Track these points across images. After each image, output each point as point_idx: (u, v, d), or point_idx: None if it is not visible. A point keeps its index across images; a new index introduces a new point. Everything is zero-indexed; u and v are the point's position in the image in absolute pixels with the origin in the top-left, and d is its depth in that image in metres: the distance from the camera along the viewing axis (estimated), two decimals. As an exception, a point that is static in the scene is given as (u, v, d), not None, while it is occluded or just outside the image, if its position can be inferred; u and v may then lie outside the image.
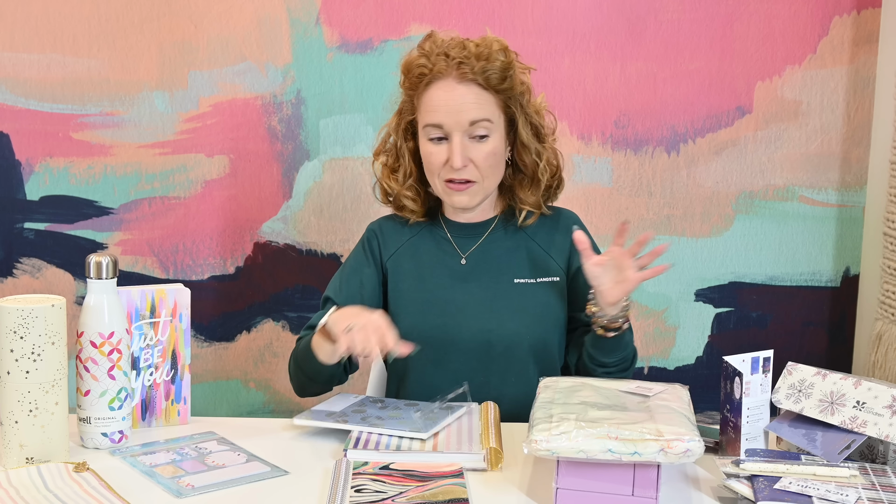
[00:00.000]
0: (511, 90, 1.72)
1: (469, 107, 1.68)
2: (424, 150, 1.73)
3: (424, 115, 1.71)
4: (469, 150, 1.69)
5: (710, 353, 2.44)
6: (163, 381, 1.63)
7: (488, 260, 1.78)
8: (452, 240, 1.81)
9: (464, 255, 1.79)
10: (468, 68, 1.68)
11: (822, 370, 1.48)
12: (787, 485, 1.30)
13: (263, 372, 2.45)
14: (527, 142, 1.75)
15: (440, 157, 1.71)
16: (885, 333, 2.19)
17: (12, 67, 2.33)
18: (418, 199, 1.81)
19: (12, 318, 1.38)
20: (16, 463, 1.41)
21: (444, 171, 1.71)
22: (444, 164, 1.71)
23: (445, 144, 1.71)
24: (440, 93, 1.69)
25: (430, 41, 1.74)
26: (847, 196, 2.39)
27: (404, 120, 1.78)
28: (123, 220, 2.39)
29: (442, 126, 1.69)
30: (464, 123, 1.68)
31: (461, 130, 1.69)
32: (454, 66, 1.68)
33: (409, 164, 1.78)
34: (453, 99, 1.68)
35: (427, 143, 1.73)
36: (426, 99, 1.71)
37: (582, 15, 2.34)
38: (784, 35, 2.34)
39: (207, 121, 2.36)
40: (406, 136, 1.78)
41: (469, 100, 1.68)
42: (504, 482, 1.40)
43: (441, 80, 1.70)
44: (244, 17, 2.33)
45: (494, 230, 1.81)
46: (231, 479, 1.39)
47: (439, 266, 1.79)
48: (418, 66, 1.71)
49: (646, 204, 2.39)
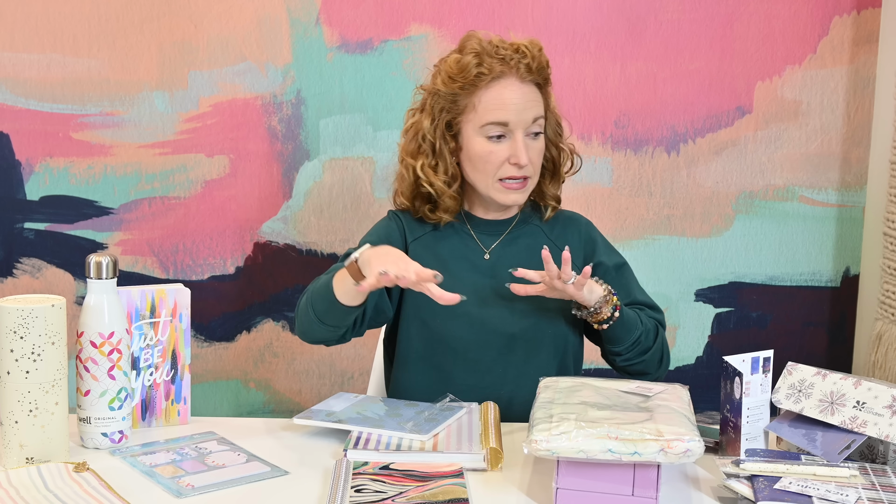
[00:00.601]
0: (549, 89, 1.79)
1: (532, 104, 1.73)
2: (481, 149, 1.73)
3: (486, 114, 1.72)
4: (528, 148, 1.73)
5: (710, 353, 2.44)
6: (163, 381, 1.63)
7: (510, 256, 1.80)
8: (476, 236, 1.82)
9: (487, 250, 1.80)
10: (525, 68, 1.72)
11: (822, 370, 1.48)
12: (787, 485, 1.30)
13: (263, 372, 2.45)
14: (553, 138, 1.81)
15: (500, 156, 1.72)
16: (885, 333, 2.19)
17: (12, 67, 2.33)
18: (457, 199, 1.80)
19: (12, 318, 1.38)
20: (16, 463, 1.41)
21: (502, 169, 1.73)
22: (502, 162, 1.73)
23: (504, 143, 1.73)
24: (506, 91, 1.71)
25: (475, 41, 1.74)
26: (847, 196, 2.39)
27: (443, 120, 1.76)
28: (123, 220, 2.39)
29: (508, 124, 1.71)
30: (528, 121, 1.72)
31: (524, 129, 1.72)
32: (514, 67, 1.71)
33: (450, 164, 1.78)
34: (519, 97, 1.71)
35: (485, 142, 1.73)
36: (488, 98, 1.72)
37: (582, 15, 2.34)
38: (784, 35, 2.34)
39: (207, 121, 2.36)
40: (446, 137, 1.77)
41: (532, 98, 1.73)
42: (504, 482, 1.40)
43: (503, 79, 1.72)
44: (244, 17, 2.33)
45: (516, 227, 1.83)
46: (231, 479, 1.39)
47: (461, 259, 1.79)
48: (475, 66, 1.71)
49: (646, 204, 2.39)
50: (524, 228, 1.83)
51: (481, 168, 1.74)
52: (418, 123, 1.79)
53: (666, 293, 2.42)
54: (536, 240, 1.81)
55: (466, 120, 1.75)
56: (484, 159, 1.73)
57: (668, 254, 2.41)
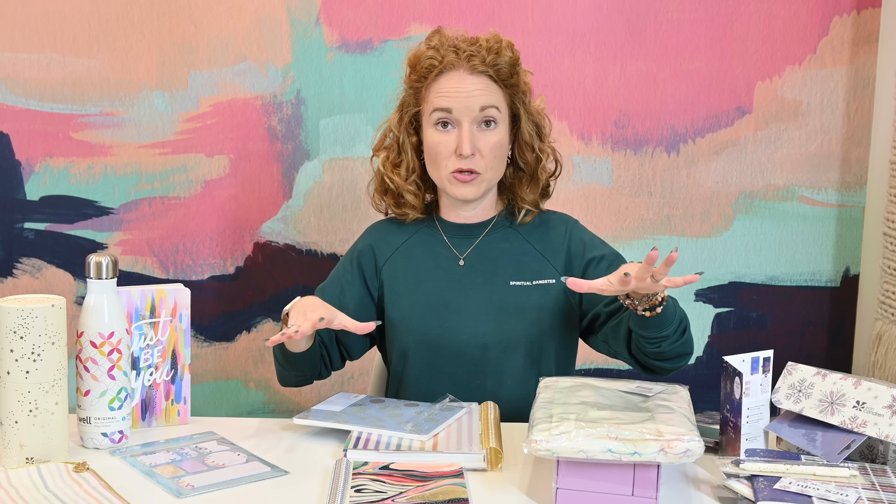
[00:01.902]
0: (517, 87, 1.75)
1: (479, 93, 1.71)
2: (431, 140, 1.73)
3: (433, 102, 1.72)
4: (476, 140, 1.71)
5: (710, 353, 2.44)
6: (163, 381, 1.63)
7: (485, 261, 1.78)
8: (449, 241, 1.81)
9: (461, 256, 1.79)
10: (479, 60, 1.70)
11: (822, 370, 1.48)
12: (787, 485, 1.30)
13: (263, 372, 2.45)
14: (528, 139, 1.78)
15: (448, 146, 1.71)
16: (885, 333, 2.19)
17: (12, 67, 2.33)
18: (419, 195, 1.81)
19: (12, 318, 1.38)
20: (16, 463, 1.41)
21: (451, 161, 1.72)
22: (451, 153, 1.71)
23: (453, 133, 1.71)
24: (451, 81, 1.71)
25: (438, 36, 1.76)
26: (847, 196, 2.39)
27: (407, 114, 1.78)
28: (123, 220, 2.39)
29: (451, 111, 1.70)
30: (474, 109, 1.70)
31: (470, 117, 1.70)
32: (465, 58, 1.71)
33: (411, 158, 1.79)
34: (464, 86, 1.70)
35: (434, 132, 1.73)
36: (435, 88, 1.72)
37: (582, 15, 2.34)
38: (784, 35, 2.34)
39: (207, 121, 2.36)
40: (409, 131, 1.79)
41: (481, 87, 1.71)
42: (504, 482, 1.40)
43: (452, 71, 1.72)
44: (244, 17, 2.33)
45: (492, 231, 1.81)
46: (231, 479, 1.39)
47: (436, 268, 1.79)
48: (428, 59, 1.73)
49: (646, 204, 2.39)
50: (500, 232, 1.81)
51: (433, 160, 1.74)
52: (390, 119, 1.82)
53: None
54: (513, 244, 1.80)
55: (423, 112, 1.76)
56: (434, 150, 1.73)
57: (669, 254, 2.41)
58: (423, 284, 1.77)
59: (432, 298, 1.76)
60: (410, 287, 1.78)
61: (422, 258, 1.80)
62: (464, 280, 1.77)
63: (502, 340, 1.74)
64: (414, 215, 1.82)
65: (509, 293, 1.75)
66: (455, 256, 1.79)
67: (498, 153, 1.73)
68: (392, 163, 1.81)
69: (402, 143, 1.79)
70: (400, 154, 1.80)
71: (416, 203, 1.81)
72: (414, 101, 1.77)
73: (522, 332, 1.74)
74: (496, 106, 1.72)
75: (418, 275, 1.78)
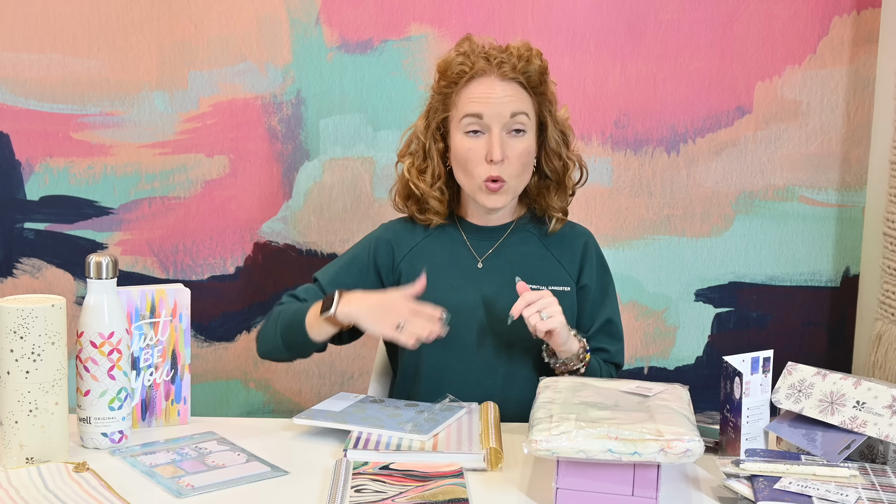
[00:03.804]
0: (545, 95, 1.77)
1: (510, 100, 1.71)
2: (461, 146, 1.73)
3: (463, 108, 1.72)
4: (506, 146, 1.71)
5: (710, 353, 2.44)
6: (163, 381, 1.63)
7: (504, 264, 1.79)
8: (469, 242, 1.81)
9: (480, 258, 1.80)
10: (509, 67, 1.71)
11: (822, 370, 1.48)
12: (787, 485, 1.30)
13: (263, 372, 2.45)
14: (555, 147, 1.79)
15: (478, 152, 1.71)
16: (885, 333, 2.19)
17: (12, 67, 2.33)
18: (444, 201, 1.81)
19: (12, 318, 1.38)
20: (16, 463, 1.41)
21: (482, 168, 1.72)
22: (481, 159, 1.72)
23: (482, 139, 1.72)
24: (482, 87, 1.72)
25: (468, 42, 1.76)
26: (847, 196, 2.39)
27: (434, 120, 1.78)
28: (123, 220, 2.39)
29: (482, 116, 1.70)
30: (504, 115, 1.71)
31: (501, 123, 1.71)
32: (496, 65, 1.71)
33: (437, 164, 1.79)
34: (495, 92, 1.71)
35: (464, 138, 1.73)
36: (466, 93, 1.73)
37: (582, 15, 2.34)
38: (784, 35, 2.34)
39: (207, 121, 2.36)
40: (435, 137, 1.79)
41: (511, 93, 1.72)
42: (504, 482, 1.40)
43: (482, 77, 1.72)
44: (244, 17, 2.33)
45: (511, 234, 1.82)
46: (231, 479, 1.39)
47: (454, 267, 1.79)
48: (459, 65, 1.73)
49: (646, 204, 2.39)
50: (519, 236, 1.82)
51: (464, 167, 1.74)
52: (416, 125, 1.82)
53: (666, 293, 2.42)
54: (531, 248, 1.81)
55: (452, 118, 1.76)
56: (464, 157, 1.73)
57: (668, 254, 2.41)
58: (439, 283, 1.77)
59: (448, 297, 1.76)
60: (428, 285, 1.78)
61: (439, 257, 1.80)
62: (481, 281, 1.78)
63: (517, 342, 1.75)
64: (438, 221, 1.82)
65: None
66: (474, 258, 1.80)
67: (526, 160, 1.74)
68: (418, 169, 1.80)
69: (427, 150, 1.79)
70: (426, 160, 1.80)
71: (441, 209, 1.81)
72: (442, 106, 1.77)
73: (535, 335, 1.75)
74: (526, 112, 1.73)
75: (435, 273, 1.78)
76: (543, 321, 1.60)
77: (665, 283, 2.41)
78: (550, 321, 1.60)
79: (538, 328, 1.60)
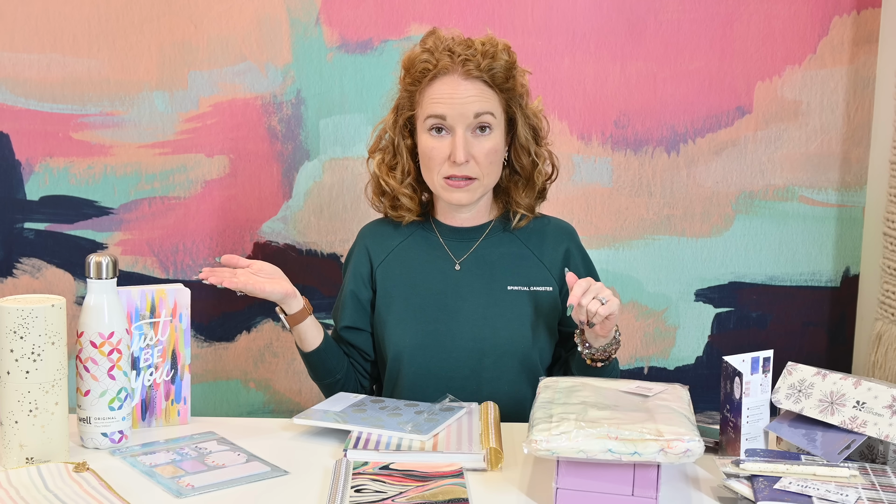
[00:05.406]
0: (513, 90, 1.73)
1: (473, 100, 1.69)
2: (425, 145, 1.72)
3: (427, 108, 1.71)
4: (471, 146, 1.69)
5: (710, 353, 2.44)
6: (163, 381, 1.63)
7: (482, 266, 1.78)
8: (446, 245, 1.80)
9: (458, 260, 1.79)
10: (473, 65, 1.68)
11: (822, 370, 1.48)
12: (787, 485, 1.30)
13: (263, 372, 2.45)
14: (525, 143, 1.76)
15: (442, 152, 1.70)
16: (885, 333, 2.19)
17: (12, 67, 2.33)
18: (415, 198, 1.80)
19: (12, 318, 1.38)
20: (16, 463, 1.41)
21: (444, 167, 1.71)
22: (444, 159, 1.70)
23: (447, 139, 1.70)
24: (445, 87, 1.69)
25: (433, 38, 1.74)
26: (847, 196, 2.39)
27: (402, 116, 1.77)
28: (123, 220, 2.39)
29: (445, 118, 1.69)
30: (468, 116, 1.68)
31: (464, 124, 1.69)
32: (459, 63, 1.69)
33: (406, 161, 1.78)
34: (458, 92, 1.68)
35: (428, 138, 1.71)
36: (429, 93, 1.71)
37: (582, 15, 2.34)
38: (784, 35, 2.34)
39: (207, 121, 2.36)
40: (404, 134, 1.78)
41: (473, 94, 1.69)
42: (504, 482, 1.40)
43: (446, 76, 1.70)
44: (244, 17, 2.33)
45: (489, 235, 1.80)
46: (231, 479, 1.39)
47: (432, 272, 1.78)
48: (422, 62, 1.71)
49: (646, 204, 2.39)
50: (497, 236, 1.80)
51: (427, 165, 1.73)
52: (386, 120, 1.81)
53: (666, 293, 2.42)
54: (511, 248, 1.79)
55: (417, 116, 1.75)
56: (428, 155, 1.72)
57: (668, 254, 2.41)
58: (418, 287, 1.77)
59: (428, 302, 1.75)
60: (406, 290, 1.78)
61: (417, 261, 1.80)
62: (460, 284, 1.77)
63: (499, 345, 1.73)
64: (410, 217, 1.81)
65: (506, 297, 1.75)
66: (451, 260, 1.79)
67: (493, 158, 1.72)
68: (387, 165, 1.80)
69: (397, 146, 1.78)
70: (395, 157, 1.79)
71: (412, 206, 1.80)
72: (409, 104, 1.76)
73: (519, 336, 1.74)
74: (491, 112, 1.70)
75: (414, 278, 1.78)
76: (604, 305, 1.56)
77: (665, 283, 2.41)
78: (610, 304, 1.56)
79: (600, 313, 1.56)
